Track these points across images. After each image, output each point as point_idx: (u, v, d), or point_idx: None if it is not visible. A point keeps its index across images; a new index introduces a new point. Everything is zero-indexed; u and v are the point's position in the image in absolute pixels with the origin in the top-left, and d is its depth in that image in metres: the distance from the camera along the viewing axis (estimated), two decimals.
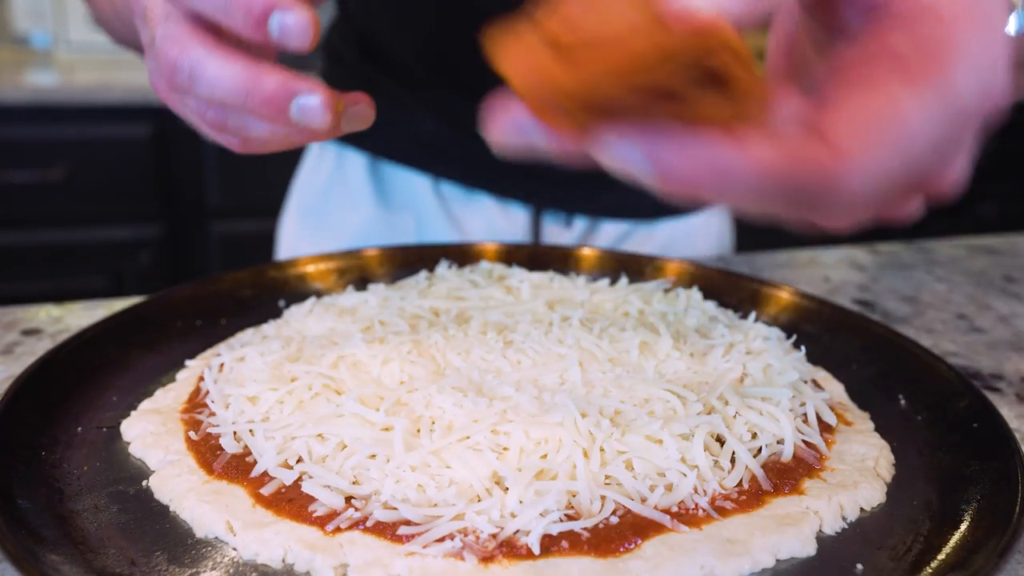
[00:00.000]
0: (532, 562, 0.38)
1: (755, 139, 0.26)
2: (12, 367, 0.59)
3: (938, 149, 0.28)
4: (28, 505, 0.41)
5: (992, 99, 0.29)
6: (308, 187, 1.00)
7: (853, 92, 0.27)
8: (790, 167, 0.26)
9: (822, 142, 0.26)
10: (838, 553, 0.41)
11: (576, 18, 0.26)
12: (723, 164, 0.26)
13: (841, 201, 0.27)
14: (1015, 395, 0.60)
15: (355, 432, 0.45)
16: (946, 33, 0.28)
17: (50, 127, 1.94)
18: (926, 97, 0.27)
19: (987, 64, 0.28)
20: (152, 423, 0.50)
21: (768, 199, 0.27)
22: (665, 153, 0.26)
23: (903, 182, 0.28)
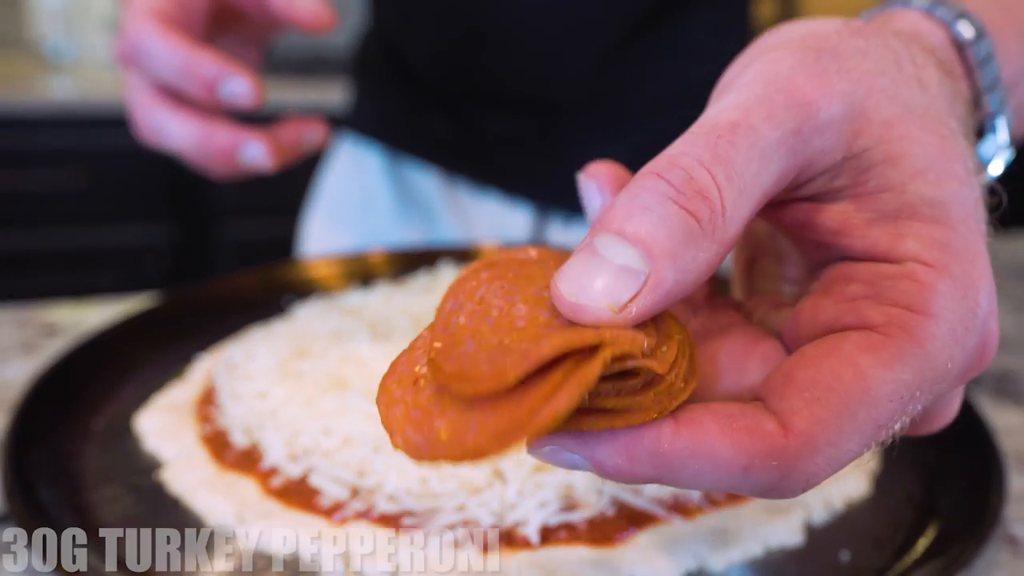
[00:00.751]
0: (531, 552, 0.39)
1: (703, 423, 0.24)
2: (31, 363, 0.60)
3: (912, 416, 0.25)
4: (48, 496, 0.43)
5: (980, 356, 0.26)
6: (329, 188, 1.02)
7: (815, 364, 0.25)
8: (743, 455, 0.23)
9: (779, 426, 0.24)
10: (825, 542, 0.42)
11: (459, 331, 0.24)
12: (668, 458, 0.24)
13: (799, 487, 0.24)
14: (993, 390, 0.61)
15: (360, 426, 0.46)
16: (920, 298, 0.25)
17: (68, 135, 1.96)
18: (897, 372, 0.24)
19: (969, 326, 0.25)
20: (165, 417, 0.51)
21: (724, 486, 0.24)
22: (601, 453, 0.24)
23: (870, 447, 0.25)
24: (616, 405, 0.23)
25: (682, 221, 0.23)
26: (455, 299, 0.26)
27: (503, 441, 0.21)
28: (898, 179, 0.26)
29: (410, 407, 0.23)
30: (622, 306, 0.23)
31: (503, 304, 0.25)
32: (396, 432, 0.23)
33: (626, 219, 0.23)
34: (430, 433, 0.22)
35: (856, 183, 0.26)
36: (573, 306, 0.23)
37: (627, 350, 0.23)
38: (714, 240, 0.24)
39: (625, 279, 0.23)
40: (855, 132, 0.26)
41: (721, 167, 0.24)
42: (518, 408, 0.21)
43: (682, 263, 0.23)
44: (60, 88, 2.11)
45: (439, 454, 0.22)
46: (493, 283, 0.26)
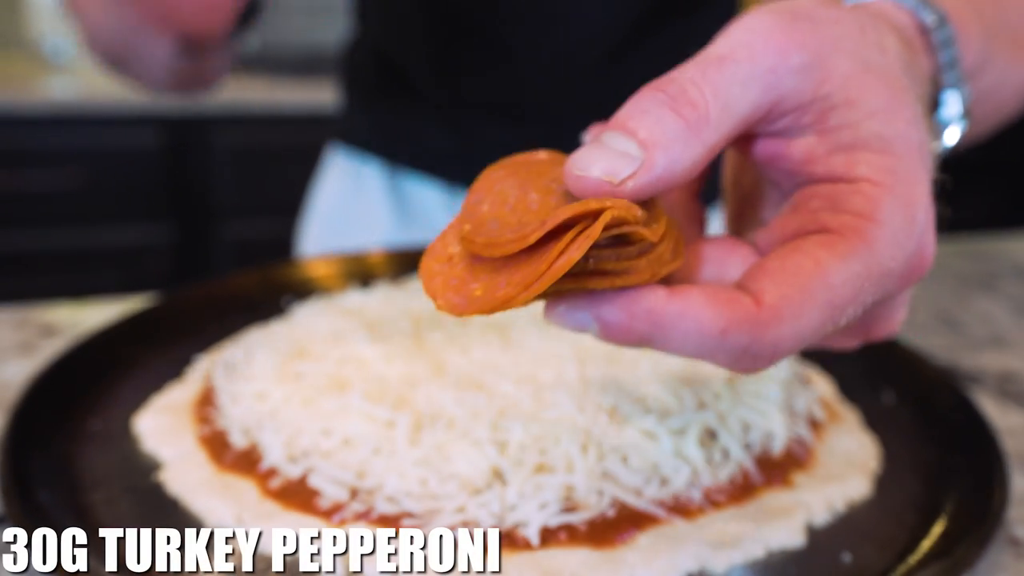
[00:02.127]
0: (531, 553, 0.39)
1: (691, 293, 0.29)
2: (29, 364, 0.60)
3: (863, 306, 0.30)
4: (47, 498, 0.43)
5: (918, 262, 0.31)
6: (327, 200, 1.01)
7: (783, 257, 0.30)
8: (722, 319, 0.28)
9: (752, 300, 0.29)
10: (827, 544, 0.42)
11: (483, 216, 0.29)
12: (661, 317, 0.28)
13: (766, 353, 0.29)
14: (996, 391, 0.61)
15: (359, 427, 0.46)
16: (868, 206, 0.30)
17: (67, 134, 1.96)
18: (849, 263, 0.29)
19: (909, 233, 0.30)
20: (164, 418, 0.51)
21: (703, 350, 0.29)
22: (606, 309, 0.28)
23: (829, 332, 0.30)
24: (615, 267, 0.28)
25: (674, 121, 0.29)
26: (477, 193, 0.31)
27: (528, 288, 0.27)
28: (854, 118, 0.31)
29: (448, 277, 0.29)
30: (620, 182, 0.28)
31: (519, 193, 0.30)
32: (439, 296, 0.28)
33: (628, 119, 0.29)
34: (467, 293, 0.28)
35: (819, 120, 0.32)
36: (579, 178, 0.29)
37: (624, 215, 0.27)
38: (700, 140, 0.29)
39: (623, 161, 0.29)
40: (821, 79, 0.31)
41: (709, 85, 0.30)
42: (539, 262, 0.27)
43: (671, 154, 0.29)
44: (59, 88, 2.11)
45: (476, 308, 0.27)
46: (508, 179, 0.31)
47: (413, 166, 0.95)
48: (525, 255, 0.27)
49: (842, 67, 0.31)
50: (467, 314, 0.28)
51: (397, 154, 0.95)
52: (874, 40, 0.33)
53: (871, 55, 0.32)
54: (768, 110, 0.31)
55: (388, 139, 0.96)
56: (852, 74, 0.31)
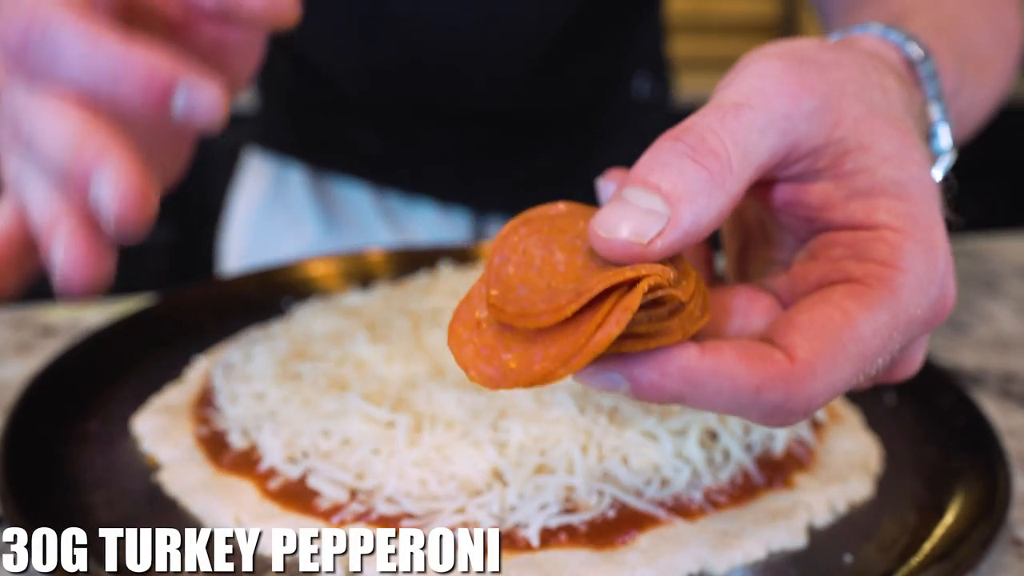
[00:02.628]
0: (531, 554, 0.39)
1: (724, 350, 0.28)
2: (28, 364, 0.60)
3: (892, 354, 0.30)
4: (44, 499, 0.43)
5: (941, 306, 0.32)
6: (247, 205, 0.98)
7: (811, 309, 0.30)
8: (757, 377, 0.28)
9: (785, 356, 0.29)
10: (828, 545, 0.42)
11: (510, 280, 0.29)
12: (694, 375, 0.28)
13: (801, 409, 0.29)
14: (998, 392, 0.61)
15: (359, 428, 0.46)
16: (892, 255, 0.30)
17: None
18: (877, 313, 0.29)
19: (933, 278, 0.31)
20: (163, 419, 0.51)
21: (737, 406, 0.29)
22: (638, 370, 0.28)
23: (857, 382, 0.30)
24: (649, 330, 0.28)
25: (697, 173, 0.29)
26: (501, 254, 0.30)
27: (566, 363, 0.26)
28: (870, 163, 0.31)
29: (478, 346, 0.28)
30: (648, 242, 0.28)
31: (544, 253, 0.30)
32: (470, 367, 0.28)
33: (649, 172, 0.29)
34: (500, 365, 0.28)
35: (835, 165, 0.32)
36: (607, 242, 0.28)
37: (659, 280, 0.27)
38: (723, 190, 0.29)
39: (650, 220, 0.28)
40: (833, 123, 0.31)
41: (728, 133, 0.29)
42: (576, 335, 0.26)
43: (697, 207, 0.29)
44: None
45: (511, 381, 0.27)
46: (531, 236, 0.31)
47: (339, 169, 0.93)
48: (560, 326, 0.27)
49: (852, 111, 0.32)
50: (503, 388, 0.28)
51: (322, 157, 0.93)
52: (876, 82, 0.33)
53: (876, 97, 0.33)
54: (784, 155, 0.31)
55: (311, 142, 0.94)
56: (862, 118, 0.32)
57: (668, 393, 0.28)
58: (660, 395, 0.28)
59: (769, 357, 0.28)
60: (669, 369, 0.28)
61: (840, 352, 0.29)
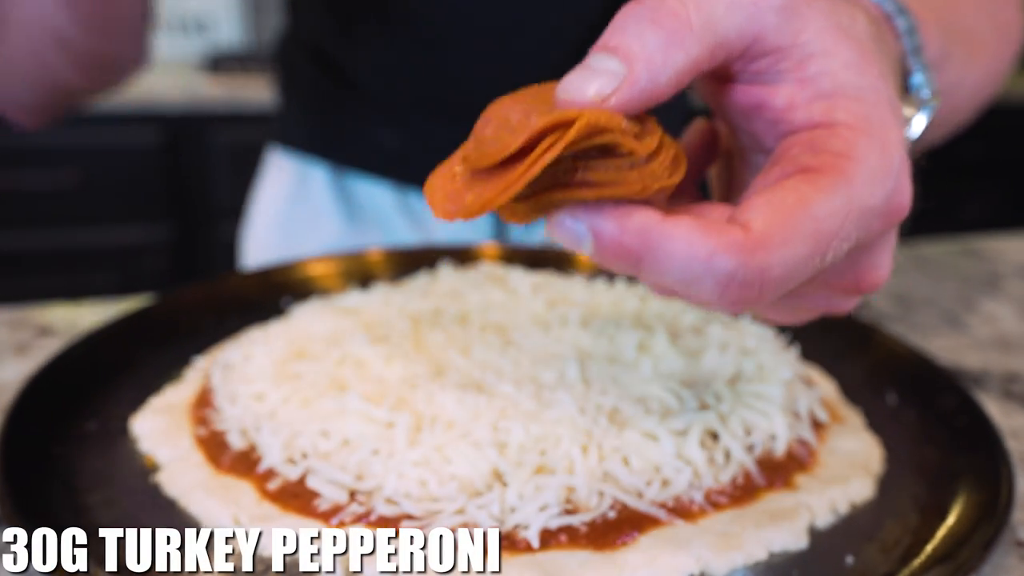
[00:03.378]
0: (531, 555, 0.39)
1: (682, 217, 0.29)
2: (26, 365, 0.60)
3: (848, 241, 0.31)
4: (43, 499, 0.42)
5: (897, 201, 0.32)
6: (269, 202, 0.99)
7: (768, 192, 0.31)
8: (711, 242, 0.29)
9: (741, 228, 0.29)
10: (829, 546, 0.42)
11: (485, 137, 0.31)
12: (650, 235, 0.29)
13: (755, 280, 0.29)
14: (1000, 392, 0.61)
15: (358, 428, 0.46)
16: (846, 146, 0.31)
17: (63, 133, 1.96)
18: (831, 196, 0.30)
19: (887, 170, 0.31)
20: (161, 420, 0.51)
21: (690, 274, 0.29)
22: (599, 221, 0.29)
23: (817, 268, 0.31)
24: (605, 178, 0.29)
25: (653, 32, 0.30)
26: (485, 118, 0.32)
27: (509, 189, 0.28)
28: (831, 67, 0.33)
29: (448, 191, 0.31)
30: (604, 97, 0.30)
31: (520, 117, 0.31)
32: (436, 205, 0.31)
33: (610, 37, 0.31)
34: (459, 201, 0.30)
35: (798, 68, 0.33)
36: (566, 101, 0.30)
37: (606, 124, 0.29)
38: (682, 49, 0.30)
39: (607, 78, 0.30)
40: (799, 28, 0.32)
41: None
42: (519, 166, 0.29)
43: (654, 65, 0.30)
44: None
45: (465, 211, 0.30)
46: (515, 105, 0.32)
47: (360, 167, 0.93)
48: (512, 164, 0.29)
49: (817, 20, 0.33)
50: (457, 217, 0.30)
51: (343, 155, 0.93)
52: (844, 11, 0.35)
53: (841, 19, 0.34)
54: (750, 43, 0.32)
55: (332, 140, 0.94)
56: (827, 27, 0.33)
57: (625, 250, 0.29)
58: (618, 252, 0.29)
59: (725, 229, 0.29)
60: (628, 225, 0.29)
61: (795, 227, 0.29)
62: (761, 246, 0.29)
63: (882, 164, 0.31)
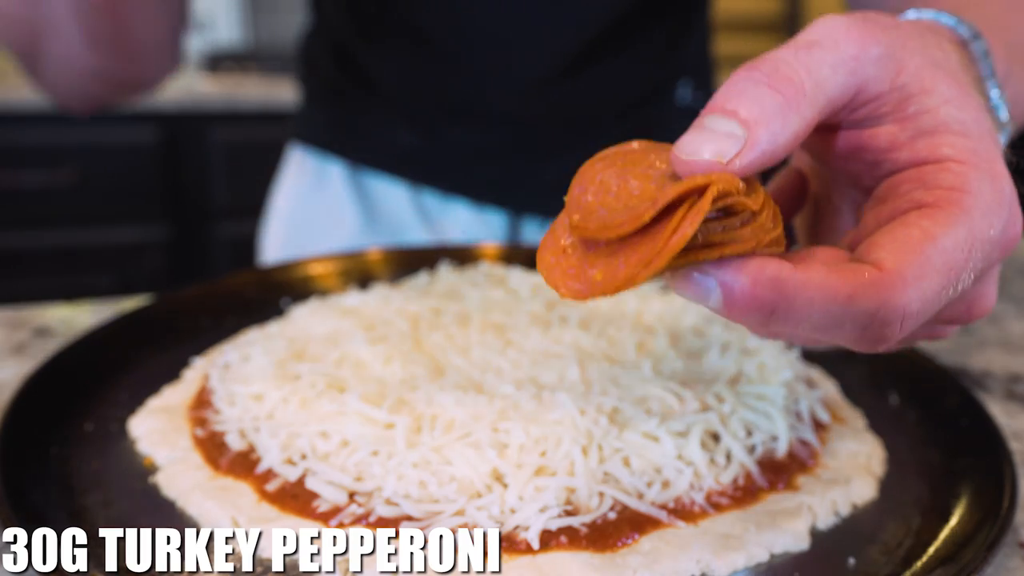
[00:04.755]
0: (531, 557, 0.39)
1: (814, 262, 0.30)
2: (23, 365, 0.60)
3: (974, 272, 0.31)
4: (40, 500, 0.42)
5: (1012, 231, 0.33)
6: (288, 199, 1.00)
7: (891, 231, 0.31)
8: (848, 286, 0.29)
9: (874, 267, 0.30)
10: (831, 547, 0.42)
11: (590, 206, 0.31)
12: (786, 284, 0.29)
13: (896, 319, 0.30)
14: (1003, 393, 0.61)
15: (358, 429, 0.45)
16: (959, 180, 0.32)
17: (60, 132, 1.96)
18: (955, 229, 0.30)
19: (1001, 201, 0.32)
20: (159, 420, 0.50)
21: (830, 319, 0.29)
22: (731, 276, 0.29)
23: (947, 300, 0.31)
24: (723, 238, 0.29)
25: (772, 97, 0.31)
26: (580, 185, 0.32)
27: (648, 265, 0.28)
28: (932, 104, 0.33)
29: (565, 267, 0.31)
30: (727, 162, 0.30)
31: (620, 182, 0.31)
32: (560, 286, 0.30)
33: (727, 100, 0.31)
34: (587, 279, 0.30)
35: (898, 109, 0.34)
36: (688, 164, 0.30)
37: (729, 188, 0.29)
38: (798, 113, 0.31)
39: (728, 142, 0.30)
40: (896, 70, 0.33)
41: (802, 64, 0.32)
42: (654, 241, 0.28)
43: (772, 129, 0.30)
44: None
45: (599, 291, 0.29)
46: (607, 169, 0.32)
47: (377, 166, 0.94)
48: (638, 236, 0.29)
49: (914, 60, 0.34)
50: (592, 297, 0.29)
51: (360, 153, 0.94)
52: (933, 43, 0.36)
53: (934, 53, 0.35)
54: (853, 96, 0.33)
55: (350, 138, 0.95)
56: (923, 65, 0.34)
57: (760, 302, 0.29)
58: (751, 304, 0.29)
59: (858, 268, 0.29)
60: (761, 277, 0.29)
61: (926, 262, 0.30)
62: (899, 282, 0.29)
63: (995, 196, 0.32)
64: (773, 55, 0.32)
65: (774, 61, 0.32)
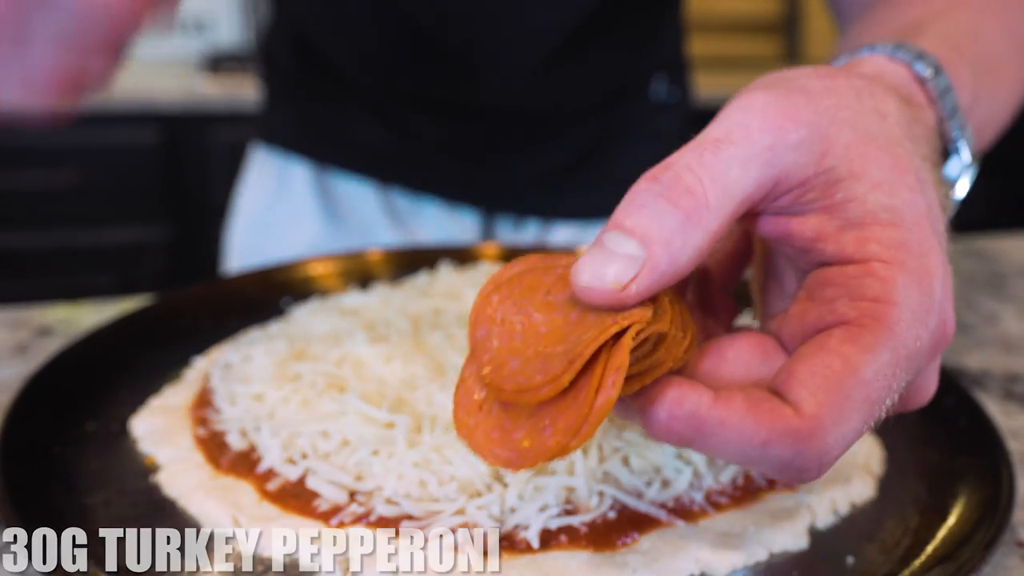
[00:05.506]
0: (531, 556, 0.39)
1: (734, 401, 0.29)
2: (24, 365, 0.60)
3: (898, 391, 0.30)
4: (41, 500, 0.42)
5: (941, 333, 0.31)
6: (251, 201, 0.98)
7: (811, 358, 0.30)
8: (764, 431, 0.28)
9: (794, 411, 0.29)
10: (830, 546, 0.42)
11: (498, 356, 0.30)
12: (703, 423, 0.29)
13: (814, 465, 0.29)
14: (1001, 393, 0.61)
15: (358, 429, 0.45)
16: (884, 289, 0.30)
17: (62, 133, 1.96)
18: (877, 354, 0.29)
19: (929, 307, 0.30)
20: (161, 420, 0.51)
21: (746, 459, 0.29)
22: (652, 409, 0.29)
23: (869, 423, 0.30)
24: (640, 369, 0.29)
25: (671, 213, 0.29)
26: (482, 327, 0.31)
27: (576, 434, 0.27)
28: (860, 191, 0.31)
29: (487, 430, 0.29)
30: (624, 287, 0.29)
31: (523, 319, 0.30)
32: (486, 454, 0.29)
33: (626, 216, 0.29)
34: (514, 446, 0.28)
35: (825, 195, 0.32)
36: (586, 291, 0.29)
37: (640, 322, 0.28)
38: (700, 228, 0.29)
39: (626, 263, 0.29)
40: (822, 152, 0.31)
41: (706, 170, 0.30)
42: (577, 403, 0.27)
43: (673, 248, 0.29)
44: None
45: (529, 460, 0.28)
46: (504, 303, 0.31)
47: (342, 165, 0.92)
48: (560, 396, 0.28)
49: (843, 138, 0.31)
50: (523, 468, 0.28)
51: (325, 152, 0.92)
52: (871, 107, 0.33)
53: (870, 123, 0.32)
54: (772, 187, 0.31)
55: (314, 136, 0.93)
56: (852, 144, 0.31)
57: (676, 435, 0.29)
58: (668, 436, 0.29)
59: (778, 411, 0.29)
60: (678, 412, 0.29)
61: (846, 402, 0.29)
62: (818, 432, 0.28)
63: (922, 302, 0.30)
64: (677, 161, 0.30)
65: (675, 169, 0.30)
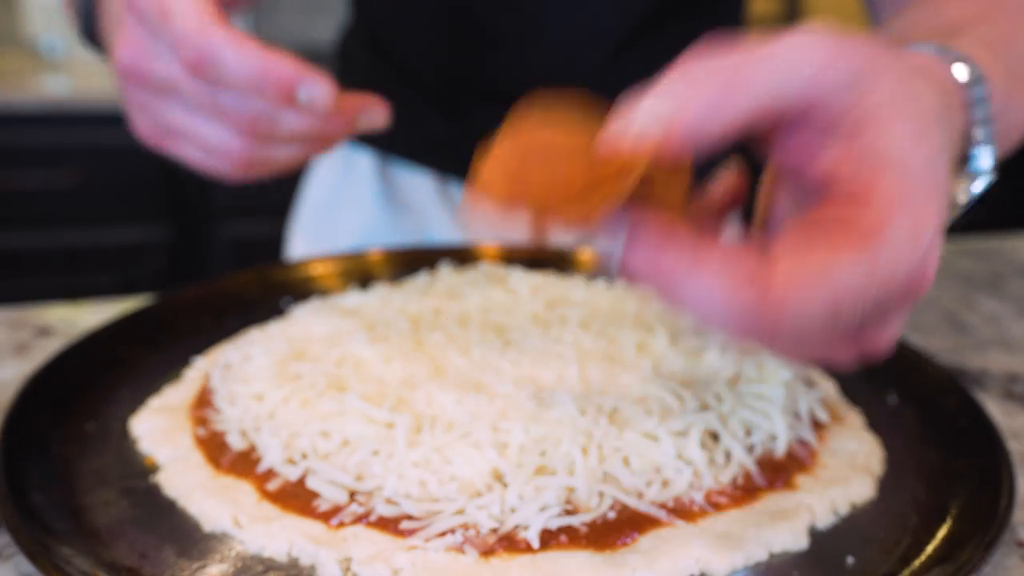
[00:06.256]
0: (531, 556, 0.39)
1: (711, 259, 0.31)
2: (25, 365, 0.60)
3: (862, 310, 0.32)
4: (41, 499, 0.42)
5: (918, 281, 0.33)
6: (318, 187, 1.01)
7: (795, 249, 0.32)
8: (731, 296, 0.31)
9: (763, 287, 0.31)
10: (829, 547, 0.42)
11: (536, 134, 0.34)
12: (676, 277, 0.31)
13: (770, 336, 0.31)
14: (1001, 393, 0.61)
15: (358, 429, 0.46)
16: (878, 221, 0.32)
17: (62, 132, 1.96)
18: (853, 267, 0.31)
19: (915, 248, 0.32)
20: (161, 420, 0.51)
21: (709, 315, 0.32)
22: (634, 253, 0.32)
23: (827, 331, 0.32)
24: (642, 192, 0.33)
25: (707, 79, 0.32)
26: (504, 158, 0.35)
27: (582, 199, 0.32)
28: (888, 134, 0.33)
29: None
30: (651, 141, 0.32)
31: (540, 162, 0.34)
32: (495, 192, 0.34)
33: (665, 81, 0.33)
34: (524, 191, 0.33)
35: (854, 131, 0.33)
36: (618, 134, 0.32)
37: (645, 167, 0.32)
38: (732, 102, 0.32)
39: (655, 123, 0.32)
40: (868, 90, 0.33)
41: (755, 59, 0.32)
42: None
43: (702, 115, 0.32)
44: (54, 85, 2.10)
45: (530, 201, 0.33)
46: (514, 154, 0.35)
47: (404, 155, 0.94)
48: None
49: (890, 86, 0.33)
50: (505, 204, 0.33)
51: (388, 143, 0.94)
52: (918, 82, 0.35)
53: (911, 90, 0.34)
54: (808, 106, 0.33)
55: None
56: (897, 95, 0.33)
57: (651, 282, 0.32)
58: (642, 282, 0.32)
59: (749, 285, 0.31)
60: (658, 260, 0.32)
61: (813, 290, 0.31)
62: (778, 307, 0.31)
63: (911, 242, 0.32)
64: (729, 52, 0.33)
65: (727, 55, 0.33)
